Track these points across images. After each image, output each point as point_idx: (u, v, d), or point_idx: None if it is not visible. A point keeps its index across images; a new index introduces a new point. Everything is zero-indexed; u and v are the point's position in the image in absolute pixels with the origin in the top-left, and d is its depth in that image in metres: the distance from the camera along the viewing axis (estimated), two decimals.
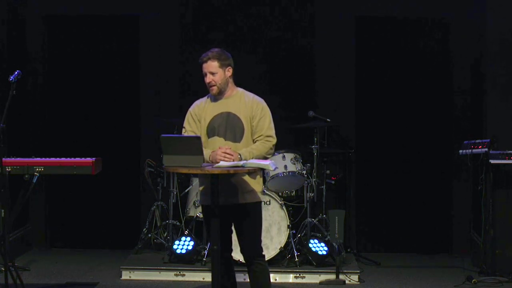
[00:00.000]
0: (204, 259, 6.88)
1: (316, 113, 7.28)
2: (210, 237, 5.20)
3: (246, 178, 5.07)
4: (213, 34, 7.95)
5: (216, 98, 5.18)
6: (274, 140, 5.13)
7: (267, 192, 6.85)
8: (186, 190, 7.34)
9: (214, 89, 5.12)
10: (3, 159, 5.57)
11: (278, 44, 8.00)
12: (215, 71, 5.08)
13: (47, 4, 8.01)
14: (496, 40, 7.16)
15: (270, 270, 5.27)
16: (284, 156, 7.02)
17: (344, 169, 7.88)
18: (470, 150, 6.79)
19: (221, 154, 4.93)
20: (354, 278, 6.70)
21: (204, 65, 5.11)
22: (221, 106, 5.14)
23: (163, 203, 7.59)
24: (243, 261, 5.24)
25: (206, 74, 5.11)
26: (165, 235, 7.47)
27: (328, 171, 7.52)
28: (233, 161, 4.88)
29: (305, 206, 7.22)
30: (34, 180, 5.94)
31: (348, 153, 7.82)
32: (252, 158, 4.97)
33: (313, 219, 7.19)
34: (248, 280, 5.21)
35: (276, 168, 5.16)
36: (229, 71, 5.14)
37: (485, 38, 7.29)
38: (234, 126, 5.09)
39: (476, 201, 7.22)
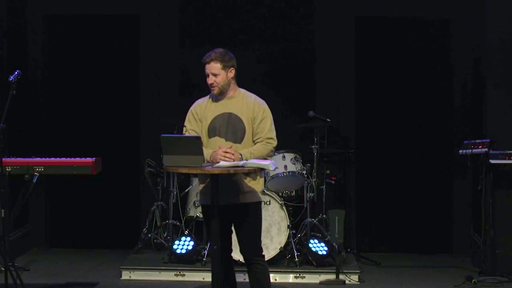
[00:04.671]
0: (204, 259, 6.88)
1: (316, 113, 7.28)
2: (210, 237, 5.20)
3: (247, 178, 5.07)
4: (213, 34, 7.95)
5: (217, 98, 5.18)
6: (274, 143, 5.13)
7: (267, 192, 6.86)
8: (186, 190, 7.34)
9: (216, 90, 5.12)
10: (3, 159, 5.58)
11: (278, 44, 7.99)
12: (217, 72, 5.08)
13: (47, 4, 8.01)
14: (496, 40, 7.16)
15: (270, 270, 5.27)
16: (284, 156, 7.02)
17: (344, 169, 7.88)
18: (470, 150, 6.79)
19: (221, 154, 4.93)
20: (354, 278, 6.70)
21: (207, 66, 5.10)
22: (223, 107, 5.14)
23: (163, 203, 7.59)
24: (243, 261, 5.24)
25: (208, 75, 5.11)
26: (165, 235, 7.47)
27: (328, 171, 7.52)
28: (234, 161, 4.88)
29: (305, 206, 7.22)
30: (34, 180, 5.94)
31: (348, 153, 7.82)
32: (251, 156, 4.98)
33: (313, 219, 7.20)
34: (248, 280, 5.22)
35: (276, 168, 5.16)
36: (231, 72, 5.13)
37: (485, 38, 7.29)
38: (235, 127, 5.08)
39: (476, 201, 7.22)
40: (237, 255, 5.69)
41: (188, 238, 6.96)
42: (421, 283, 6.74)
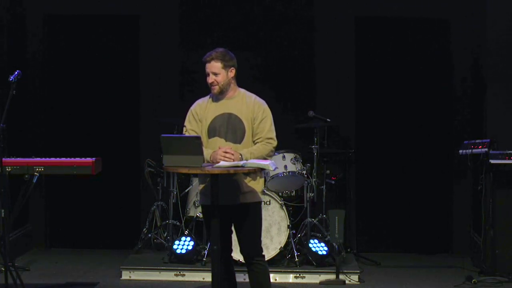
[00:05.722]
0: (204, 259, 6.88)
1: (316, 113, 7.28)
2: (210, 237, 5.20)
3: (247, 178, 5.07)
4: (213, 34, 7.95)
5: (217, 98, 5.17)
6: (274, 143, 5.13)
7: (267, 192, 6.86)
8: (186, 190, 7.34)
9: (216, 89, 5.11)
10: (3, 159, 5.57)
11: (278, 44, 7.99)
12: (217, 71, 5.08)
13: (47, 4, 8.01)
14: (496, 40, 7.17)
15: (270, 270, 5.27)
16: (284, 156, 7.02)
17: (344, 169, 7.88)
18: (470, 150, 6.79)
19: (221, 154, 4.93)
20: (354, 278, 6.70)
21: (207, 65, 5.10)
22: (223, 107, 5.14)
23: (163, 203, 7.59)
24: (243, 261, 5.24)
25: (208, 74, 5.11)
26: (165, 235, 7.47)
27: (328, 171, 7.52)
28: (234, 161, 4.88)
29: (305, 206, 7.22)
30: (34, 180, 5.94)
31: (348, 153, 7.82)
32: (251, 156, 4.98)
33: (313, 219, 7.20)
34: (248, 280, 5.21)
35: (276, 168, 5.16)
36: (232, 72, 5.13)
37: (485, 38, 7.29)
38: (235, 127, 5.08)
39: (476, 201, 7.22)
40: (237, 255, 5.69)
41: (188, 238, 6.96)
42: (421, 283, 6.74)
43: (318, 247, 6.87)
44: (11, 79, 5.55)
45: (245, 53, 7.73)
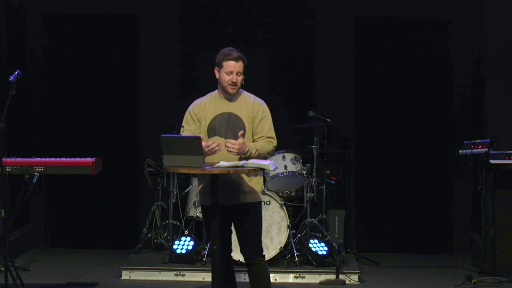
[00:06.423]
0: (204, 259, 6.88)
1: (316, 113, 7.28)
2: (210, 237, 5.21)
3: (247, 177, 5.07)
4: (213, 34, 7.95)
5: (217, 98, 5.17)
6: (275, 142, 5.13)
7: (267, 192, 6.86)
8: (186, 190, 7.34)
9: (235, 89, 5.08)
10: (3, 159, 5.57)
11: (278, 44, 7.99)
12: (242, 71, 5.06)
13: (47, 4, 8.01)
14: (496, 40, 7.17)
15: (270, 270, 5.27)
16: (284, 156, 7.02)
17: (344, 169, 7.88)
18: (470, 150, 6.80)
19: (210, 150, 4.88)
20: (354, 278, 6.70)
21: (234, 64, 5.03)
22: (222, 107, 5.13)
23: (163, 203, 7.59)
24: (243, 261, 5.25)
25: (231, 73, 5.04)
26: (165, 235, 7.48)
27: (328, 171, 7.52)
28: (239, 150, 4.85)
29: (305, 206, 7.22)
30: (34, 180, 5.95)
31: (348, 153, 7.82)
32: (256, 152, 4.96)
33: (313, 219, 7.20)
34: (248, 280, 5.21)
35: (276, 168, 5.16)
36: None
37: (485, 38, 7.30)
38: (235, 126, 5.08)
39: (476, 201, 7.22)
40: (237, 255, 5.69)
41: (188, 238, 6.96)
42: (421, 283, 6.75)
43: (318, 247, 6.87)
44: (11, 79, 5.55)
45: (245, 53, 7.71)
